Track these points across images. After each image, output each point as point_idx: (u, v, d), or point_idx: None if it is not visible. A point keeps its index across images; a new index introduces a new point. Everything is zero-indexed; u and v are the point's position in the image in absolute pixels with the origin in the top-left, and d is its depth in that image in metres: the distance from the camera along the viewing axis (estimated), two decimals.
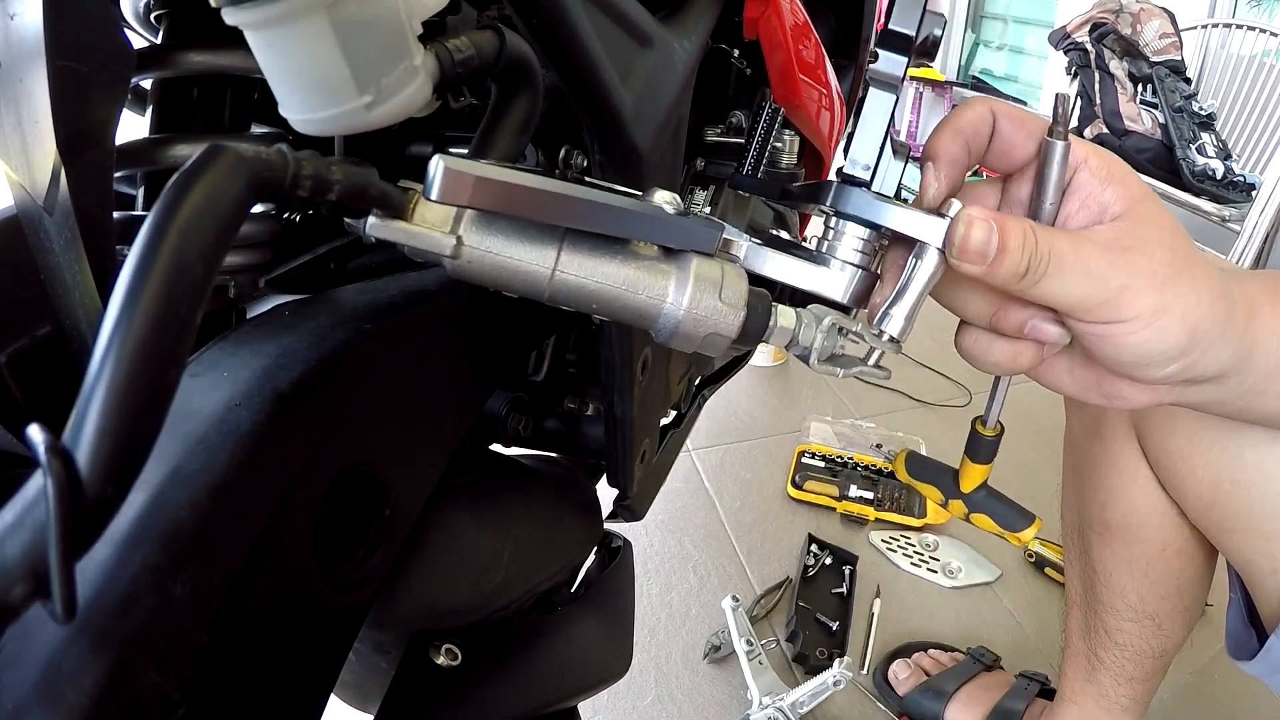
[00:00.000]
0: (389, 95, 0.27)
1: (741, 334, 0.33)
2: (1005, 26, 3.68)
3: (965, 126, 0.39)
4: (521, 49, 0.37)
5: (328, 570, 0.33)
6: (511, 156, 0.38)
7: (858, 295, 0.38)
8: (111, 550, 0.24)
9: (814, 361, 0.36)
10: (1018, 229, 0.36)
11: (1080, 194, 0.39)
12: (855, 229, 0.38)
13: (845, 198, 0.37)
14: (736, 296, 0.33)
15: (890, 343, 0.38)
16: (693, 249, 0.33)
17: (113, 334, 0.18)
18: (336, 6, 0.25)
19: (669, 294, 0.32)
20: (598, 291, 0.31)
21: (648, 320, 0.33)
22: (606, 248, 0.31)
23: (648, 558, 1.42)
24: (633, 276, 0.32)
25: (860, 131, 0.38)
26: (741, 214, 0.67)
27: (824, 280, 0.38)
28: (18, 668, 0.22)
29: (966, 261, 0.36)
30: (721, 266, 0.33)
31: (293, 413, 0.30)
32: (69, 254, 0.30)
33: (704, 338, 0.33)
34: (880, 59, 0.38)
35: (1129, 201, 0.38)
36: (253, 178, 0.21)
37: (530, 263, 0.30)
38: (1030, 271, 0.36)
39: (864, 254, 0.38)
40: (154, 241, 0.19)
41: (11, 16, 0.28)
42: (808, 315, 0.36)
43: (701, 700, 1.18)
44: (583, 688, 0.56)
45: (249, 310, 0.45)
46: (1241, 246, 2.05)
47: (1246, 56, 2.49)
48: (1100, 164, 0.38)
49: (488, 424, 0.59)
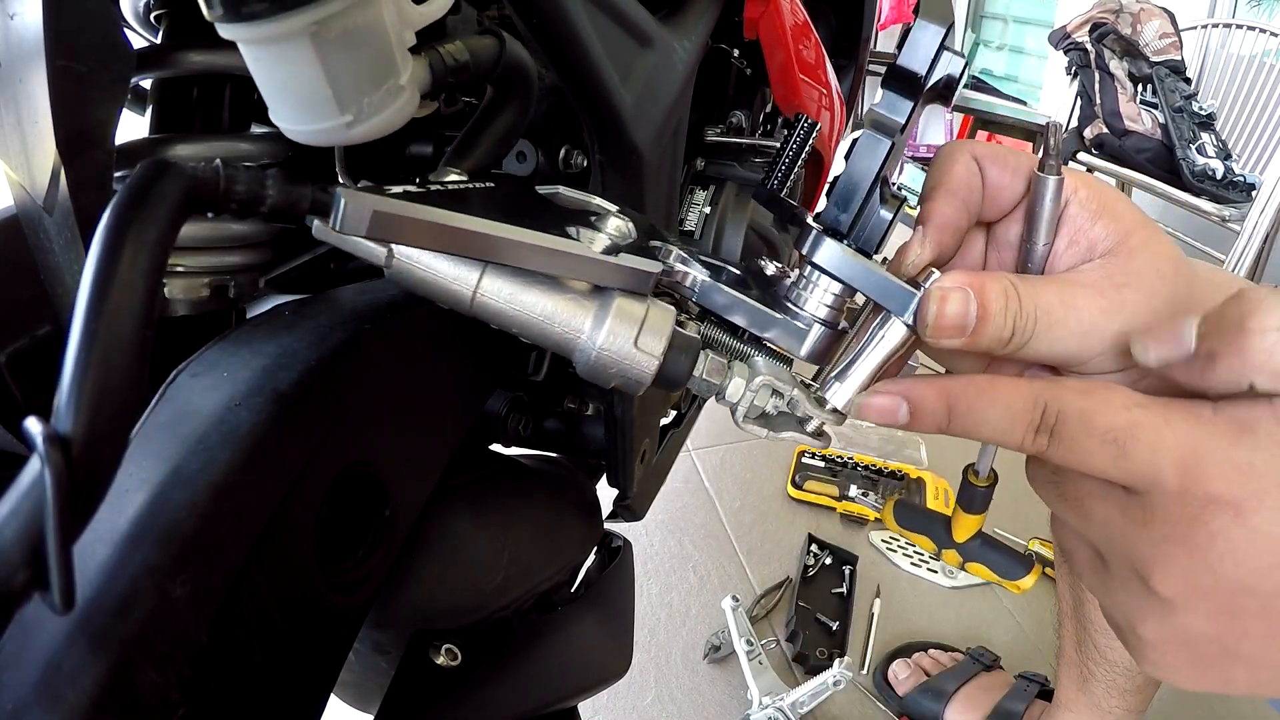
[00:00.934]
0: (370, 115, 0.29)
1: (657, 380, 0.32)
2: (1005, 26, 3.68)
3: (958, 186, 0.35)
4: (520, 57, 0.37)
5: (328, 570, 0.33)
6: (488, 165, 0.38)
7: (816, 352, 0.35)
8: (111, 550, 0.24)
9: (739, 419, 0.34)
10: (998, 291, 0.32)
11: (1069, 229, 0.35)
12: (826, 281, 0.34)
13: (817, 247, 0.33)
14: (653, 344, 0.32)
15: (832, 414, 0.35)
16: (620, 288, 0.32)
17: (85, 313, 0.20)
18: (321, 31, 0.25)
19: (585, 331, 0.31)
20: (517, 318, 0.31)
21: (565, 352, 0.32)
22: (532, 276, 0.31)
23: (648, 558, 1.42)
24: (551, 309, 0.31)
25: (847, 175, 0.34)
26: (742, 215, 0.67)
27: (782, 331, 0.35)
28: (18, 668, 0.23)
29: (943, 338, 0.33)
30: (646, 309, 0.32)
31: (293, 413, 0.30)
32: (69, 254, 0.30)
33: (617, 379, 0.32)
34: (882, 99, 0.33)
35: (1120, 235, 0.34)
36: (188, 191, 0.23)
37: (453, 281, 0.30)
38: (1016, 335, 0.33)
39: (832, 309, 0.35)
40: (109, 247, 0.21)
41: (11, 16, 0.28)
42: (740, 368, 0.34)
43: (701, 700, 1.18)
44: (583, 688, 0.56)
45: (249, 310, 0.45)
46: (1241, 246, 2.05)
47: (1246, 56, 2.49)
48: (1090, 195, 0.35)
49: (488, 424, 0.59)
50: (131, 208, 0.22)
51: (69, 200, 0.29)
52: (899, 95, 0.33)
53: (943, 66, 0.32)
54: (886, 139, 0.33)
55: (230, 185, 0.25)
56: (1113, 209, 0.35)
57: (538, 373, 0.58)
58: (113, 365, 0.20)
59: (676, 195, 0.58)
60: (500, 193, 0.35)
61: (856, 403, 0.35)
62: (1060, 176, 0.33)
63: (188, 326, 0.40)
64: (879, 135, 0.33)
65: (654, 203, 0.49)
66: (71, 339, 0.20)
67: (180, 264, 0.38)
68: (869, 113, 0.34)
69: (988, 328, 0.32)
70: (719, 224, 0.66)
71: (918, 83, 0.32)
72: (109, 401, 0.20)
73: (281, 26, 0.25)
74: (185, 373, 0.31)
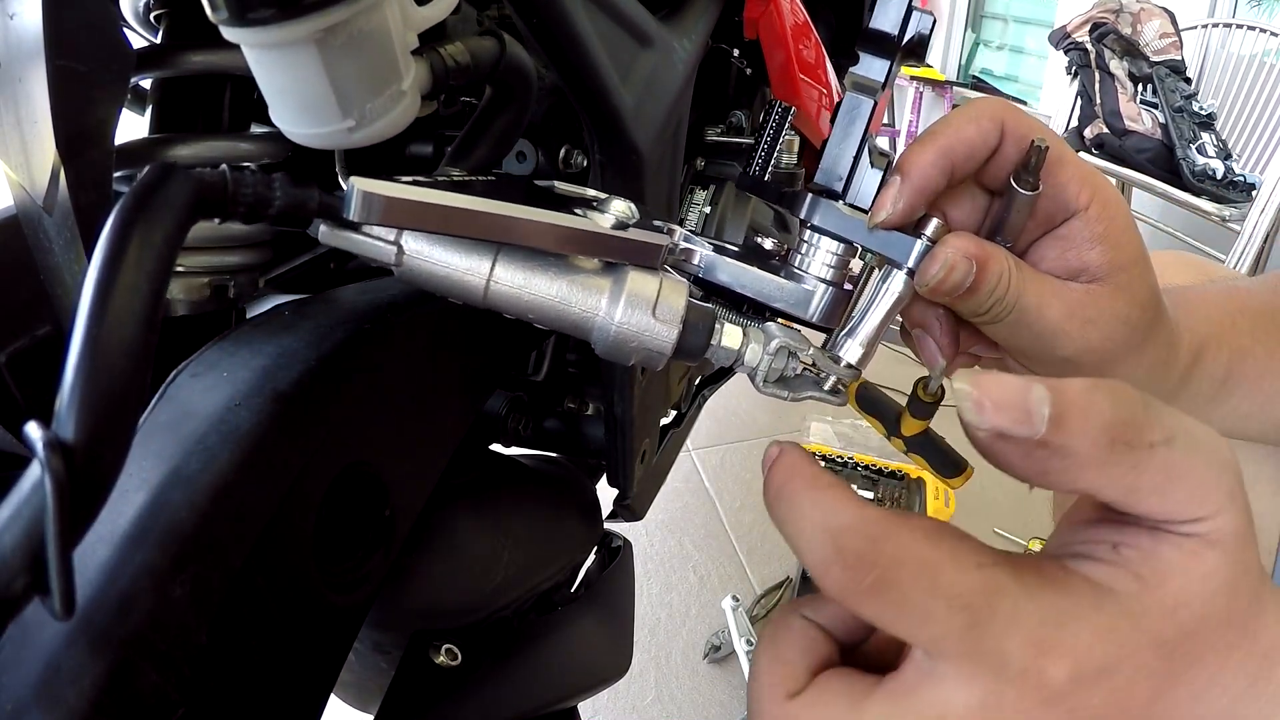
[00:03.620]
0: (373, 119, 0.29)
1: (677, 351, 0.33)
2: (1005, 26, 3.68)
3: (958, 147, 0.34)
4: (520, 58, 0.37)
5: (327, 570, 0.33)
6: (487, 165, 0.38)
7: (827, 313, 0.36)
8: (111, 551, 0.24)
9: (759, 383, 0.34)
10: (995, 272, 0.33)
11: (1064, 244, 0.35)
12: (827, 243, 0.35)
13: (814, 210, 0.35)
14: (671, 313, 0.32)
15: (848, 369, 0.35)
16: (630, 262, 0.32)
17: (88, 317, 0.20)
18: (327, 37, 0.25)
19: (601, 308, 0.32)
20: (532, 303, 0.31)
21: (583, 333, 0.32)
22: (543, 260, 0.31)
23: (648, 558, 1.42)
24: (566, 290, 0.31)
25: (835, 139, 0.35)
26: (742, 213, 0.67)
27: (790, 296, 0.35)
28: (17, 669, 0.23)
29: (935, 298, 0.34)
30: (660, 281, 0.32)
31: (292, 413, 0.30)
32: (69, 254, 0.30)
33: (638, 353, 0.32)
34: (860, 61, 0.35)
35: (1113, 268, 0.34)
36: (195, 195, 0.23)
37: (466, 272, 0.30)
38: (989, 314, 0.34)
39: (836, 269, 0.36)
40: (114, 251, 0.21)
41: (11, 16, 0.28)
42: (756, 333, 0.34)
43: (701, 700, 1.18)
44: (582, 688, 0.56)
45: (249, 310, 0.45)
46: (1241, 246, 2.05)
47: (1246, 56, 2.49)
48: (1099, 215, 0.34)
49: (488, 424, 0.59)
50: (138, 211, 0.22)
51: (69, 200, 0.29)
52: (875, 56, 0.34)
53: (913, 25, 0.34)
54: (869, 99, 0.34)
55: (237, 189, 0.25)
56: (1115, 238, 0.34)
57: (538, 373, 0.58)
58: (115, 370, 0.20)
59: (677, 195, 0.58)
60: (501, 185, 0.35)
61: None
62: (1033, 195, 0.33)
63: (188, 326, 0.40)
64: (861, 96, 0.34)
65: (654, 202, 0.49)
66: (73, 342, 0.20)
67: (180, 264, 0.38)
68: (849, 75, 0.35)
69: (970, 298, 0.33)
70: (719, 224, 0.66)
71: (892, 41, 0.34)
72: (111, 406, 0.20)
73: (288, 32, 0.25)
74: (185, 373, 0.31)
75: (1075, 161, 0.34)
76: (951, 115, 0.34)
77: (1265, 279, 0.47)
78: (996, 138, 0.34)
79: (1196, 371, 0.41)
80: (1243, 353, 0.43)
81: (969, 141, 0.33)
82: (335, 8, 0.25)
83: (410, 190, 0.27)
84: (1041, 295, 0.34)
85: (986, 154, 0.34)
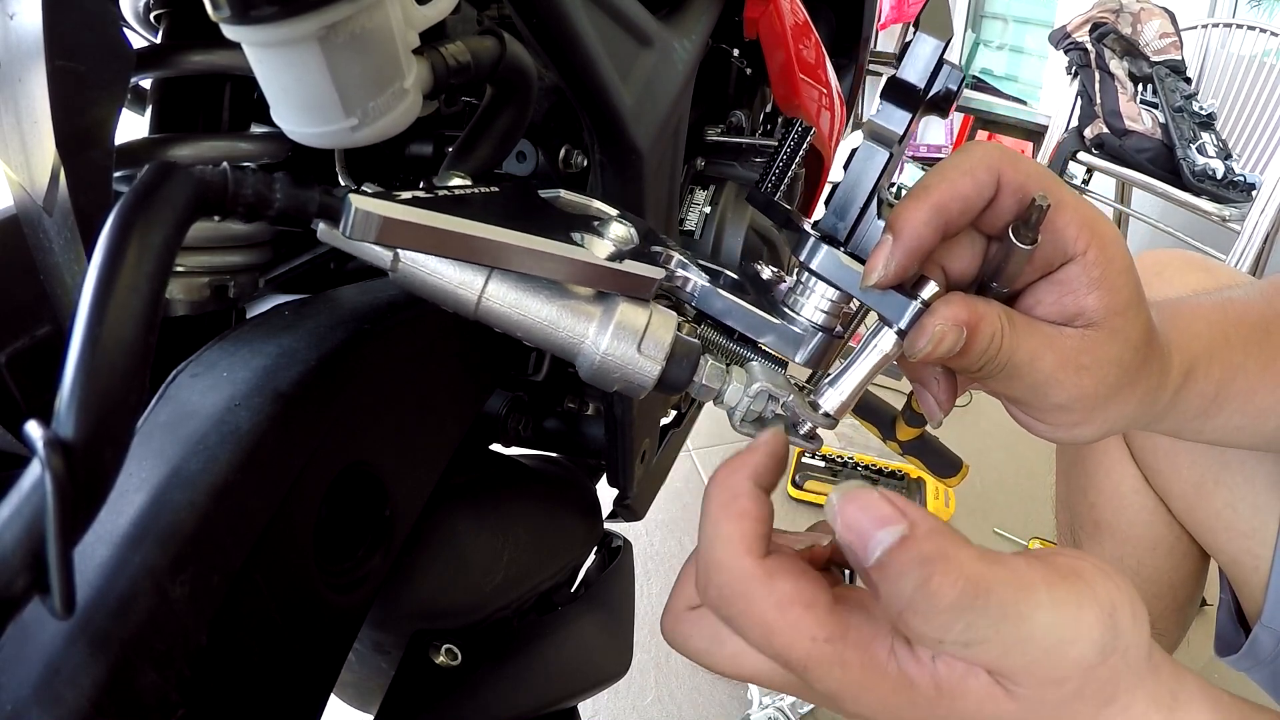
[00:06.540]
0: (375, 118, 0.29)
1: (659, 384, 0.33)
2: (1005, 26, 3.68)
3: (951, 203, 0.32)
4: (521, 58, 0.37)
5: (327, 570, 0.33)
6: (489, 166, 0.38)
7: (815, 358, 0.35)
8: (111, 551, 0.24)
9: (735, 422, 0.35)
10: (987, 335, 0.33)
11: (1061, 289, 0.34)
12: (823, 287, 0.35)
13: (815, 254, 0.34)
14: (657, 349, 0.32)
15: (825, 418, 0.35)
16: (622, 293, 0.32)
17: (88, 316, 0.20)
18: (329, 35, 0.25)
19: (589, 336, 0.32)
20: (521, 322, 0.32)
21: (569, 357, 0.33)
22: (535, 282, 0.31)
23: (648, 558, 1.42)
24: (555, 315, 0.32)
25: (845, 184, 0.34)
26: (742, 215, 0.67)
27: (779, 336, 0.35)
28: (17, 669, 0.23)
29: (925, 364, 0.34)
30: (649, 314, 0.32)
31: (292, 413, 0.30)
32: (69, 254, 0.30)
33: (620, 383, 0.33)
34: (880, 110, 0.33)
35: (1109, 312, 0.34)
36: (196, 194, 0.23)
37: (459, 286, 0.31)
38: (982, 371, 0.34)
39: (829, 315, 0.35)
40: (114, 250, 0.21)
41: (10, 16, 0.28)
42: (739, 373, 0.34)
43: (701, 700, 1.18)
44: (582, 688, 0.56)
45: (249, 310, 0.45)
46: (1241, 247, 2.05)
47: (1246, 56, 2.48)
48: (1096, 260, 0.34)
49: (488, 424, 0.59)
50: (138, 210, 0.22)
51: (68, 200, 0.29)
52: (897, 106, 0.33)
53: (941, 79, 0.32)
54: (884, 150, 0.33)
55: (238, 189, 0.25)
56: (1112, 282, 0.34)
57: (538, 373, 0.58)
58: (115, 369, 0.20)
59: (676, 195, 0.58)
60: (504, 197, 0.35)
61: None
62: (1030, 249, 0.32)
63: (188, 326, 0.40)
64: (877, 146, 0.33)
65: (654, 202, 0.49)
66: (73, 341, 0.20)
67: (180, 263, 0.38)
68: (867, 124, 0.34)
69: (962, 360, 0.33)
70: (719, 224, 0.66)
71: (916, 95, 0.32)
72: (111, 406, 0.20)
73: (290, 30, 0.25)
74: (185, 373, 0.31)
75: (1074, 204, 0.33)
76: (945, 165, 0.33)
77: (1261, 287, 0.47)
78: (992, 190, 0.33)
79: (1186, 390, 0.41)
80: (1234, 368, 0.43)
81: (964, 197, 0.32)
82: (337, 5, 0.25)
83: (407, 211, 0.27)
84: (1034, 349, 0.34)
85: (982, 206, 0.33)
